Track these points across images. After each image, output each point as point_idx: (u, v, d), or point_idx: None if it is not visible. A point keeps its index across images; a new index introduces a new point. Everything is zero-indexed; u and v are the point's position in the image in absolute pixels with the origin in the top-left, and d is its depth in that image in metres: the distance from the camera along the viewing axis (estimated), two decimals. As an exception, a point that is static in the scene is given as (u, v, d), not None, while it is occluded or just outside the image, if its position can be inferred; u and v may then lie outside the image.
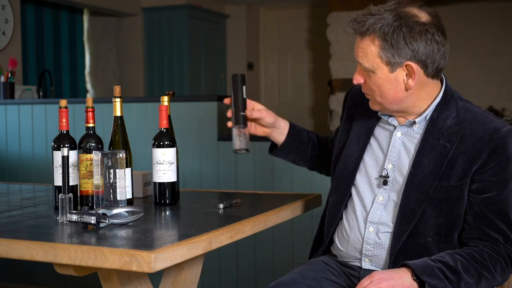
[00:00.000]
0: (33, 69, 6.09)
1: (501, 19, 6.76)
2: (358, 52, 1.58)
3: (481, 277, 1.52)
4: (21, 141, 4.02)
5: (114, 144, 1.84)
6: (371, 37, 1.55)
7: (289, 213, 1.87)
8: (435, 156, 1.57)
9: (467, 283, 1.50)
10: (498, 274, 1.54)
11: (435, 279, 1.47)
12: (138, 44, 7.13)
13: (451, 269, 1.50)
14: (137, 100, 3.73)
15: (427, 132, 1.60)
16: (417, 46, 1.55)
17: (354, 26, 1.57)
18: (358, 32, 1.57)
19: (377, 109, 1.65)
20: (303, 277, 1.68)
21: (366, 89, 1.63)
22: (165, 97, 1.96)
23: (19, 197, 2.17)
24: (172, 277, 1.95)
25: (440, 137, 1.58)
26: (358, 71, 1.62)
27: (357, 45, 1.59)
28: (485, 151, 1.53)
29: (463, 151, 1.55)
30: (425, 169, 1.57)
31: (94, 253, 1.31)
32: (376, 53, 1.55)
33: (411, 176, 1.59)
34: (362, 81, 1.62)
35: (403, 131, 1.65)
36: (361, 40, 1.57)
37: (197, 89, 7.16)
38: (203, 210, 1.86)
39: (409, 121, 1.64)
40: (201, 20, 7.28)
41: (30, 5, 6.10)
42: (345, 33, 6.98)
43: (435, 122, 1.60)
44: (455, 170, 1.55)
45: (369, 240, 1.65)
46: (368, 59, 1.56)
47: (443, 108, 1.61)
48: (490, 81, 6.79)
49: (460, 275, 1.50)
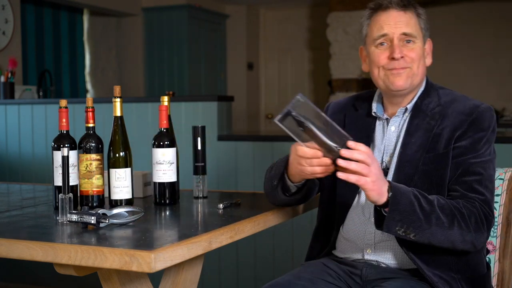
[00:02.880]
0: (33, 69, 6.08)
1: (501, 19, 6.76)
2: (399, 23, 1.68)
3: (454, 220, 1.53)
4: (21, 141, 4.02)
5: (114, 144, 1.84)
6: (411, 10, 1.70)
7: (289, 213, 1.86)
8: (421, 133, 1.67)
9: (439, 219, 1.51)
10: (472, 227, 1.54)
11: (405, 199, 1.48)
12: (138, 44, 7.12)
13: (427, 199, 1.53)
14: (137, 100, 3.73)
15: (412, 117, 1.71)
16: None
17: (394, 2, 1.69)
18: (400, 6, 1.69)
19: (407, 84, 1.69)
20: (298, 278, 1.68)
21: (405, 63, 1.68)
22: (165, 97, 1.96)
23: (19, 197, 2.17)
24: (172, 277, 1.95)
25: (424, 118, 1.69)
26: (398, 45, 1.67)
27: (400, 18, 1.68)
28: (466, 122, 1.65)
29: (447, 124, 1.66)
30: (413, 146, 1.66)
31: (94, 253, 1.31)
32: (417, 23, 1.71)
33: (400, 156, 1.67)
34: (403, 55, 1.68)
35: (396, 125, 1.73)
36: (404, 13, 1.69)
37: (197, 89, 7.15)
38: (203, 210, 1.86)
39: (401, 109, 1.72)
40: (201, 20, 7.27)
41: (30, 5, 6.09)
42: (345, 33, 6.98)
43: (419, 107, 1.71)
44: (441, 141, 1.64)
45: (371, 229, 1.68)
46: (412, 27, 1.69)
47: (426, 96, 1.73)
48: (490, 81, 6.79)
49: (434, 208, 1.52)
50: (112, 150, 1.83)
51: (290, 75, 8.49)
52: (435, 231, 1.51)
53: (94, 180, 1.80)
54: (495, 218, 1.77)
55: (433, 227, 1.51)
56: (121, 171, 1.82)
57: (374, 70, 1.72)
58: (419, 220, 1.49)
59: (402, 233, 1.50)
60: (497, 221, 1.83)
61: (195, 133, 2.01)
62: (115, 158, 1.83)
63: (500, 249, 1.83)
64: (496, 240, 1.83)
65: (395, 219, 1.48)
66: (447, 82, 7.56)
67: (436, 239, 1.52)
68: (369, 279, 1.70)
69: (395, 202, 1.48)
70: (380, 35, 1.69)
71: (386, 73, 1.69)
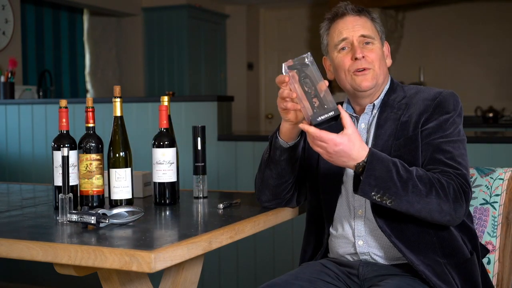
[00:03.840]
0: (33, 69, 6.08)
1: (501, 19, 6.76)
2: (357, 26, 1.76)
3: (432, 189, 1.55)
4: (21, 141, 4.02)
5: (114, 144, 1.84)
6: (365, 15, 1.79)
7: (289, 213, 1.87)
8: (390, 124, 1.74)
9: (416, 187, 1.54)
10: (450, 197, 1.56)
11: (381, 165, 1.53)
12: (138, 44, 7.12)
13: (405, 168, 1.57)
14: (137, 100, 3.73)
15: (381, 111, 1.77)
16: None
17: (350, 7, 1.78)
18: (354, 12, 1.77)
19: (371, 84, 1.75)
20: (296, 279, 1.69)
21: (366, 63, 1.74)
22: (165, 97, 1.96)
23: (19, 197, 2.17)
24: (172, 277, 1.95)
25: (392, 110, 1.76)
26: (358, 47, 1.74)
27: (357, 22, 1.77)
28: (431, 106, 1.71)
29: (413, 111, 1.73)
30: (384, 136, 1.72)
31: (94, 253, 1.31)
32: (373, 26, 1.79)
33: (373, 147, 1.68)
34: (363, 55, 1.74)
35: (365, 121, 1.79)
36: (359, 17, 1.78)
37: (197, 89, 7.16)
38: (203, 210, 1.86)
39: (369, 106, 1.78)
40: (201, 20, 7.27)
41: (30, 5, 6.10)
42: (345, 33, 6.98)
43: (386, 102, 1.78)
44: (408, 126, 1.71)
45: (359, 221, 1.73)
46: (369, 29, 1.77)
47: (392, 92, 1.80)
48: (490, 81, 6.79)
49: (412, 176, 1.55)
50: (112, 150, 1.83)
51: (290, 75, 8.47)
52: (412, 199, 1.54)
53: (94, 180, 1.80)
54: (472, 191, 1.78)
55: (410, 195, 1.54)
56: (121, 171, 1.83)
57: (341, 74, 1.78)
58: (395, 187, 1.53)
59: (378, 198, 1.54)
60: (496, 221, 1.83)
61: (195, 133, 2.02)
62: (115, 158, 1.83)
63: (500, 249, 1.83)
64: (496, 240, 1.83)
65: (370, 184, 1.53)
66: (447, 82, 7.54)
67: (413, 208, 1.55)
68: (367, 278, 1.71)
69: (371, 168, 1.53)
70: (341, 40, 1.77)
71: (352, 76, 1.75)
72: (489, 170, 1.89)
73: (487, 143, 2.95)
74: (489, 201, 1.85)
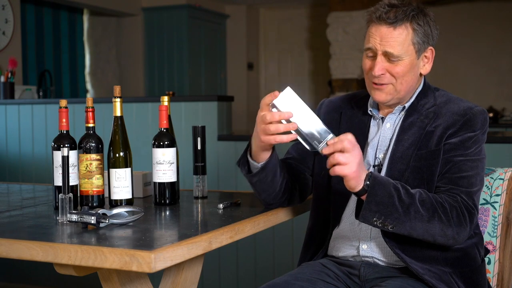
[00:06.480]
0: (33, 69, 6.09)
1: (501, 19, 6.76)
2: (389, 42, 1.64)
3: (435, 215, 1.54)
4: (21, 141, 4.02)
5: (114, 144, 1.84)
6: (405, 24, 1.64)
7: (289, 213, 1.86)
8: (414, 131, 1.69)
9: (418, 212, 1.52)
10: (453, 221, 1.55)
11: (383, 191, 1.51)
12: (138, 44, 7.13)
13: (408, 192, 1.54)
14: (137, 100, 3.73)
15: (407, 115, 1.73)
16: (435, 31, 1.71)
17: (384, 17, 1.63)
18: (390, 22, 1.63)
19: (387, 99, 1.70)
20: (296, 279, 1.68)
21: (386, 79, 1.68)
22: (165, 97, 1.96)
23: (19, 197, 2.17)
24: (172, 277, 1.95)
25: (418, 116, 1.71)
26: (379, 62, 1.65)
27: (387, 36, 1.64)
28: (459, 122, 1.66)
29: (440, 123, 1.68)
30: (405, 143, 1.69)
31: (94, 253, 1.31)
32: (410, 40, 1.65)
33: (393, 152, 1.68)
34: (385, 71, 1.67)
35: (391, 122, 1.75)
36: (394, 30, 1.64)
37: (197, 89, 7.16)
38: (203, 210, 1.86)
39: (399, 108, 1.73)
40: (201, 20, 7.28)
41: (30, 5, 6.10)
42: (345, 33, 6.98)
43: (415, 107, 1.73)
44: (433, 138, 1.66)
45: (366, 225, 1.69)
46: (401, 47, 1.64)
47: (423, 97, 1.75)
48: (490, 81, 6.79)
49: (414, 201, 1.53)
50: (112, 150, 1.83)
51: (290, 75, 8.49)
52: (414, 224, 1.53)
53: (94, 180, 1.80)
54: (477, 211, 1.74)
55: (412, 220, 1.53)
56: (121, 171, 1.82)
57: (364, 76, 1.75)
58: (397, 212, 1.52)
59: (379, 224, 1.53)
60: (497, 221, 1.83)
61: (195, 133, 2.02)
62: (115, 158, 1.83)
63: (500, 249, 1.83)
64: (496, 240, 1.83)
65: (372, 210, 1.51)
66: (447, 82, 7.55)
67: (416, 232, 1.54)
68: (368, 279, 1.70)
69: (372, 193, 1.51)
70: (367, 47, 1.69)
71: (369, 84, 1.72)
72: (489, 170, 1.89)
73: (487, 143, 2.94)
74: (489, 201, 1.85)
